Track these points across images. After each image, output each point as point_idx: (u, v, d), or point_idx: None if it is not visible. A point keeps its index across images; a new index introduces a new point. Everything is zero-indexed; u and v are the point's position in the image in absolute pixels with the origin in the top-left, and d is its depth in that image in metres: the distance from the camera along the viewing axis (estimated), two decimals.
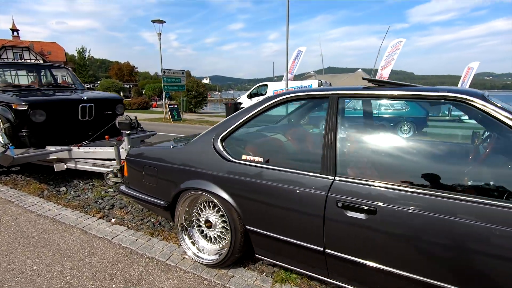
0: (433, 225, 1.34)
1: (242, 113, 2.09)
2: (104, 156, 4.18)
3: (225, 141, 2.10)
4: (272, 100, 2.01)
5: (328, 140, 1.70)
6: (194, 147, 2.22)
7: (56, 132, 4.35)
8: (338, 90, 1.82)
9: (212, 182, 2.06)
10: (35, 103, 4.01)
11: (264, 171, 1.87)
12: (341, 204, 1.55)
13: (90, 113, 4.58)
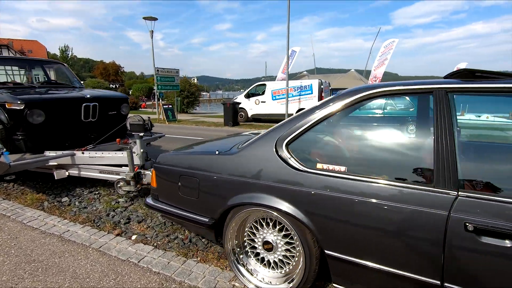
0: None
1: (310, 113, 1.73)
2: (113, 161, 3.72)
3: (290, 146, 1.73)
4: (353, 96, 1.66)
5: (442, 145, 1.36)
6: (249, 154, 1.84)
7: (55, 134, 3.85)
8: (442, 84, 1.48)
9: (276, 196, 1.69)
10: (32, 102, 3.51)
11: (352, 184, 1.51)
12: (472, 228, 1.22)
13: (94, 113, 4.10)
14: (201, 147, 2.49)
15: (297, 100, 13.14)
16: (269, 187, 1.72)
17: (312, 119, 1.69)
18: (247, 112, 14.31)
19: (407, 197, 1.39)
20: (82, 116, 3.98)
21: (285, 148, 1.73)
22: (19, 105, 3.41)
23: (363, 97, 1.63)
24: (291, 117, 1.81)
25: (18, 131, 3.58)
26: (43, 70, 5.10)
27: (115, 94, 4.54)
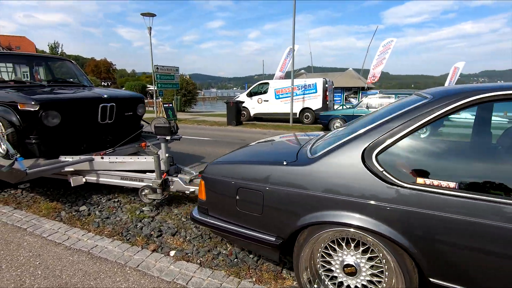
0: None
1: (405, 118, 1.51)
2: (136, 167, 3.44)
3: (381, 157, 1.52)
4: (465, 99, 1.42)
5: None
6: (328, 165, 1.62)
7: (71, 138, 3.54)
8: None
9: (364, 215, 1.48)
10: (48, 103, 3.20)
11: (467, 204, 1.31)
12: None
13: (111, 114, 3.80)
14: (253, 154, 2.26)
15: (301, 99, 12.95)
16: (356, 204, 1.51)
17: (409, 125, 1.48)
18: (249, 111, 14.06)
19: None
20: (99, 118, 3.68)
21: (375, 159, 1.51)
22: (33, 106, 3.11)
23: (476, 101, 1.42)
24: (378, 123, 1.59)
25: (32, 134, 3.27)
26: (49, 67, 4.76)
27: (132, 94, 4.24)
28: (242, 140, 8.56)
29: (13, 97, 3.24)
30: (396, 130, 1.50)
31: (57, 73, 4.80)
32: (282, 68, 22.60)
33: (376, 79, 20.34)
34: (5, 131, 3.20)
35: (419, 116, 1.48)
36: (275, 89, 13.47)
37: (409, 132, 1.48)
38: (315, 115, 12.83)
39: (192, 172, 3.47)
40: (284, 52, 22.74)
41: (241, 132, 10.39)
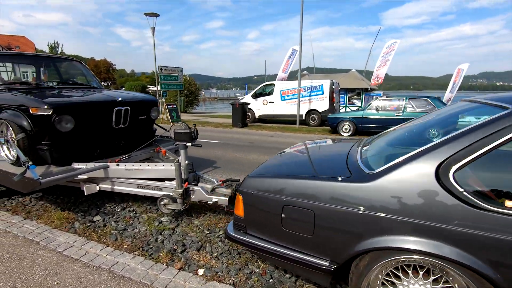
0: None
1: (485, 130, 1.33)
2: (154, 174, 3.25)
3: (460, 175, 1.33)
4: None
5: None
6: (393, 182, 1.44)
7: (84, 143, 3.35)
8: None
9: (441, 241, 1.30)
10: (61, 107, 3.01)
11: None
12: None
13: (125, 118, 3.61)
14: (294, 165, 2.07)
15: (308, 100, 12.78)
16: (430, 228, 1.32)
17: (493, 140, 1.30)
18: (254, 113, 13.87)
19: None
20: (113, 122, 3.49)
21: (453, 177, 1.33)
22: (46, 110, 2.91)
23: None
24: (456, 134, 1.40)
25: (44, 140, 3.08)
26: (57, 68, 4.56)
27: (146, 97, 4.05)
28: (250, 142, 8.37)
29: (24, 100, 3.04)
30: (478, 145, 1.31)
31: (65, 74, 4.60)
32: (285, 69, 22.39)
33: (380, 81, 20.19)
34: (15, 137, 3.01)
35: (506, 129, 1.29)
36: (281, 90, 13.29)
37: (493, 148, 1.30)
38: (321, 117, 12.66)
39: (212, 180, 3.28)
40: (287, 53, 22.58)
41: (248, 134, 10.21)
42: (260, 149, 7.29)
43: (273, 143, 8.28)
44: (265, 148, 7.46)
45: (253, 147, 7.59)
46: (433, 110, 8.94)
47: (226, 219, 3.15)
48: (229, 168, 5.36)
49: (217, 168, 5.35)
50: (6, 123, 3.11)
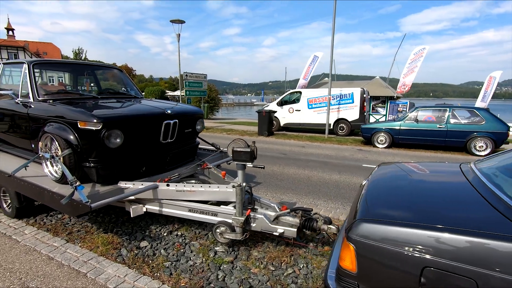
0: None
1: None
2: (208, 197, 2.92)
3: None
4: None
5: None
6: None
7: (131, 160, 3.07)
8: None
9: None
10: (111, 121, 2.74)
11: None
12: None
13: (173, 132, 3.32)
14: (426, 204, 1.66)
15: (336, 109, 12.29)
16: None
17: None
18: (279, 121, 13.48)
19: None
20: (161, 137, 3.20)
21: None
22: (96, 125, 2.64)
23: None
24: None
25: (90, 156, 2.81)
26: (95, 76, 4.36)
27: (193, 109, 3.76)
28: (283, 153, 7.98)
29: (72, 113, 2.79)
30: None
31: (105, 83, 4.39)
32: (306, 75, 22.03)
33: (407, 89, 19.43)
34: (61, 153, 2.75)
35: None
36: (308, 98, 12.87)
37: None
38: (351, 126, 12.14)
39: (272, 204, 2.91)
40: (308, 59, 22.21)
41: (278, 144, 9.82)
42: (297, 162, 6.88)
43: (308, 155, 7.85)
44: (301, 161, 7.04)
45: (288, 160, 7.19)
46: (482, 122, 8.27)
47: (290, 251, 2.76)
48: (272, 185, 4.98)
49: (258, 185, 4.98)
50: (52, 138, 2.88)
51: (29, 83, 3.29)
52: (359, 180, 5.47)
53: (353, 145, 9.82)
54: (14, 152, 3.67)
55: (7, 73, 3.84)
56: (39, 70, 3.43)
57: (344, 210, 3.99)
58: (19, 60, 3.54)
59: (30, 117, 3.17)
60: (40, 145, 2.99)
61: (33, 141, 3.20)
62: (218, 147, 4.32)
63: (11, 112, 3.42)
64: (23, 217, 3.46)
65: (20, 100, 3.29)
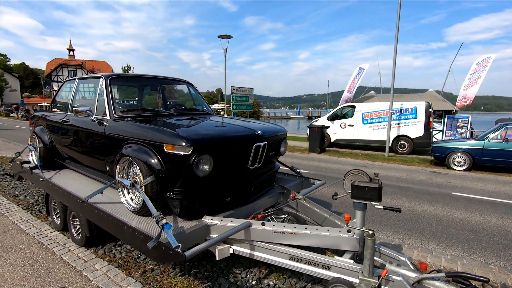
0: None
1: None
2: (314, 242, 2.30)
3: None
4: None
5: None
6: None
7: (217, 189, 2.57)
8: None
9: None
10: (202, 144, 2.28)
11: None
12: None
13: (261, 156, 2.79)
14: None
15: (396, 125, 11.17)
16: None
17: None
18: (330, 137, 12.64)
19: None
20: (249, 162, 2.68)
21: None
22: (185, 149, 2.19)
23: None
24: None
25: (175, 186, 2.35)
26: (165, 91, 4.05)
27: (279, 128, 3.23)
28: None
29: (156, 134, 2.38)
30: None
31: (174, 98, 4.07)
32: (350, 88, 20.97)
33: (468, 102, 17.49)
34: (143, 180, 2.34)
35: None
36: (363, 113, 11.92)
37: None
38: (413, 144, 10.93)
39: (402, 258, 2.21)
40: (354, 72, 21.19)
41: (335, 163, 8.99)
42: None
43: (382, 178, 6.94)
44: None
45: None
46: None
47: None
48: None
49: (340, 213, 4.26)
50: (131, 161, 2.49)
51: (106, 99, 3.00)
52: (461, 214, 4.50)
53: (422, 166, 8.66)
54: (86, 172, 3.40)
55: (81, 88, 3.66)
56: (115, 85, 3.16)
57: (474, 261, 3.11)
58: (95, 74, 3.30)
59: (106, 136, 2.85)
60: (117, 169, 2.62)
61: (108, 163, 2.87)
62: (298, 171, 3.73)
63: (86, 130, 3.15)
64: (92, 246, 3.13)
65: (95, 118, 3.01)
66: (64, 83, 4.04)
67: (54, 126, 3.83)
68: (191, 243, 2.26)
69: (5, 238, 3.32)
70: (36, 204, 4.56)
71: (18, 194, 5.00)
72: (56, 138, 3.81)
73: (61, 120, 3.60)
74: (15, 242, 3.24)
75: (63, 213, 3.41)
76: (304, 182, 3.73)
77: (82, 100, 3.71)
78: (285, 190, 3.24)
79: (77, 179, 3.57)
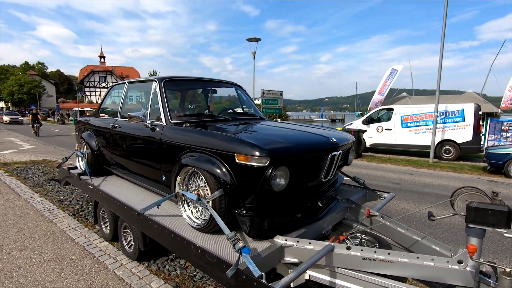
0: None
1: None
2: (411, 273, 1.92)
3: None
4: None
5: None
6: None
7: (290, 205, 2.27)
8: None
9: None
10: (280, 154, 1.99)
11: None
12: None
13: (335, 166, 2.46)
14: None
15: (440, 128, 10.38)
16: None
17: None
18: (365, 141, 12.03)
19: None
20: (323, 173, 2.36)
21: None
22: (260, 160, 1.91)
23: None
24: None
25: (246, 200, 2.08)
26: (205, 94, 3.81)
27: (348, 136, 2.88)
28: (395, 183, 6.63)
29: (227, 143, 2.11)
30: None
31: (226, 102, 3.84)
32: (382, 90, 20.07)
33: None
34: (210, 194, 2.08)
35: None
36: (402, 116, 11.23)
37: None
38: (460, 150, 10.09)
39: None
40: (385, 73, 20.29)
41: (376, 170, 8.45)
42: (426, 197, 5.50)
43: (429, 187, 6.37)
44: (430, 196, 5.63)
45: (411, 193, 5.84)
46: None
47: None
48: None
49: None
50: (194, 172, 2.25)
51: (161, 103, 2.81)
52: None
53: (475, 174, 7.90)
54: (137, 181, 3.23)
55: (131, 93, 3.52)
56: (169, 89, 2.96)
57: None
58: (147, 77, 3.13)
59: (162, 143, 2.64)
60: (177, 179, 2.40)
61: (164, 173, 2.65)
62: (361, 182, 3.34)
63: (139, 137, 2.98)
64: (143, 260, 2.93)
65: (149, 123, 2.82)
66: (112, 87, 3.93)
67: (102, 132, 3.72)
68: (267, 268, 1.97)
69: (56, 247, 3.22)
70: (81, 210, 4.50)
71: (63, 199, 4.99)
72: (104, 144, 3.70)
73: (110, 126, 3.48)
74: (66, 252, 3.12)
75: (113, 222, 3.26)
76: (368, 194, 3.35)
77: (133, 105, 3.57)
78: (352, 204, 2.88)
79: (126, 187, 3.42)
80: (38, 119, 17.74)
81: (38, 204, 4.67)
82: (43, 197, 5.06)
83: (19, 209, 4.44)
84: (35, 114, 18.01)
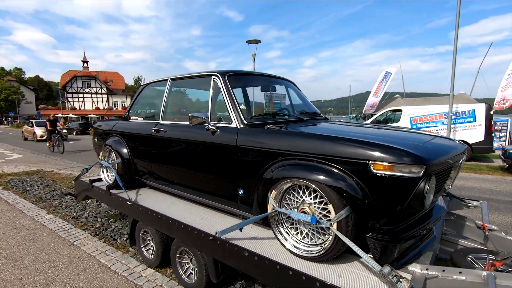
0: None
1: None
2: None
3: None
4: None
5: None
6: None
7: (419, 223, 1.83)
8: None
9: None
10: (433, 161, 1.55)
11: None
12: None
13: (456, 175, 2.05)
14: None
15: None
16: None
17: None
18: None
19: None
20: (451, 182, 1.94)
21: None
22: (412, 168, 1.47)
23: None
24: None
25: (382, 221, 1.62)
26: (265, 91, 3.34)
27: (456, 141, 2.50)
28: None
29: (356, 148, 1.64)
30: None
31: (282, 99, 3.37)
32: (377, 93, 20.30)
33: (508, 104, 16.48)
34: (334, 216, 1.61)
35: None
36: (411, 117, 11.11)
37: None
38: (472, 150, 10.03)
39: None
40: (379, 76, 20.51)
41: None
42: None
43: (466, 190, 6.12)
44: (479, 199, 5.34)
45: None
46: None
47: None
48: None
49: None
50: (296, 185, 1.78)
51: (229, 101, 2.31)
52: None
53: (496, 175, 7.78)
54: (198, 198, 2.65)
55: (178, 91, 2.99)
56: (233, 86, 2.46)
57: None
58: (204, 72, 2.62)
59: (239, 149, 2.13)
60: (272, 195, 1.91)
61: (242, 186, 2.15)
62: None
63: (200, 143, 2.44)
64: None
65: (220, 125, 2.31)
66: (145, 86, 3.37)
67: (137, 138, 3.17)
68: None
69: (90, 279, 2.62)
70: (103, 228, 3.88)
71: (78, 216, 4.34)
72: (140, 151, 3.15)
73: (150, 130, 2.94)
74: (107, 285, 2.54)
75: (160, 246, 2.70)
76: (450, 203, 2.97)
77: (182, 105, 3.04)
78: (452, 216, 2.49)
79: (171, 202, 2.89)
80: (58, 129, 12.38)
81: (49, 223, 4.01)
82: (53, 214, 4.39)
83: (28, 230, 3.77)
84: (53, 121, 12.49)
